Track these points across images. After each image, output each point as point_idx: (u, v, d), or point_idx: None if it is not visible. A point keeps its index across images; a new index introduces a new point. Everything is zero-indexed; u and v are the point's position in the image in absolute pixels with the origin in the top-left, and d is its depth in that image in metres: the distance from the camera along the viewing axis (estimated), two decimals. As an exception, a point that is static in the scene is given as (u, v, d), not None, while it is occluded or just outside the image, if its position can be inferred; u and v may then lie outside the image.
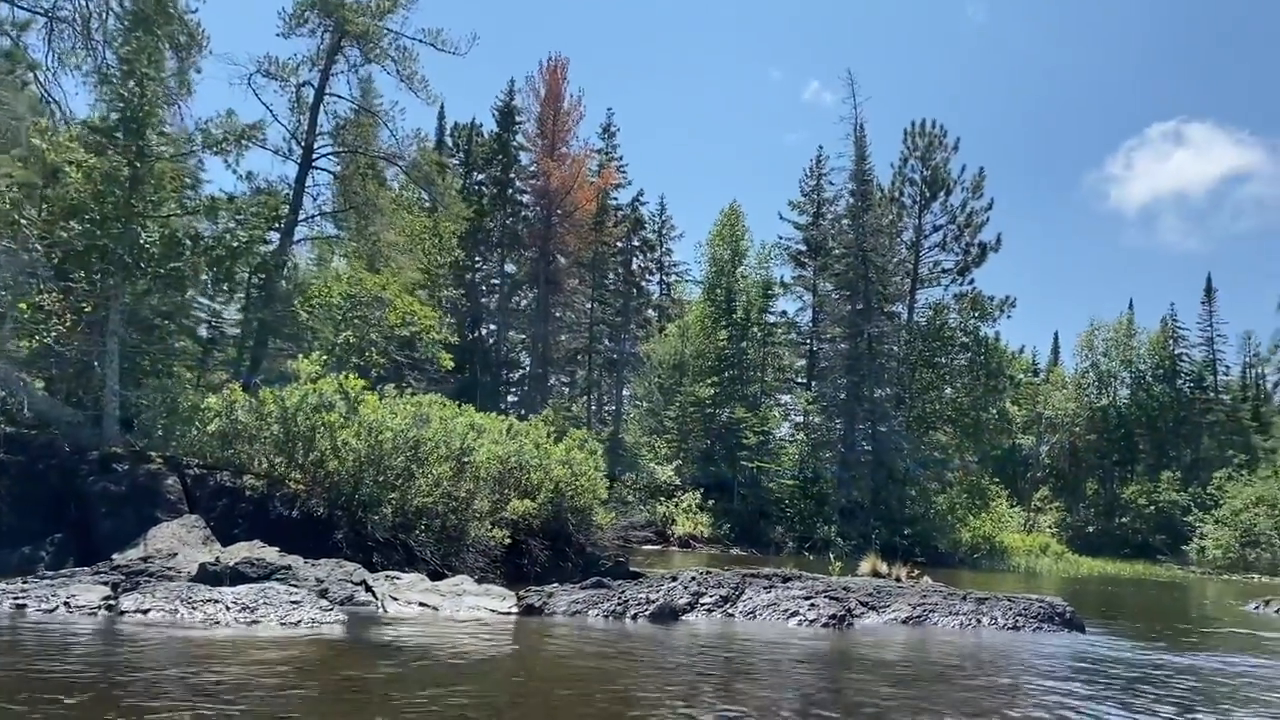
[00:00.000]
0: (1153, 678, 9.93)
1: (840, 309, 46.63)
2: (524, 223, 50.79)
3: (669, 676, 8.27)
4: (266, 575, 10.47)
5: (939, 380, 50.50)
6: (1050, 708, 7.94)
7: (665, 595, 11.57)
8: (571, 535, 17.20)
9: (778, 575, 13.12)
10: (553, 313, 49.43)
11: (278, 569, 10.67)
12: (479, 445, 15.93)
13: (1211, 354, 67.82)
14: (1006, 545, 44.10)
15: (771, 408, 49.31)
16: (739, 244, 52.65)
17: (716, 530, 40.43)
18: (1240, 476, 52.06)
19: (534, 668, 8.42)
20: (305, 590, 10.02)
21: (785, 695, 7.82)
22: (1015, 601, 13.54)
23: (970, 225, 48.74)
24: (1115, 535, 56.94)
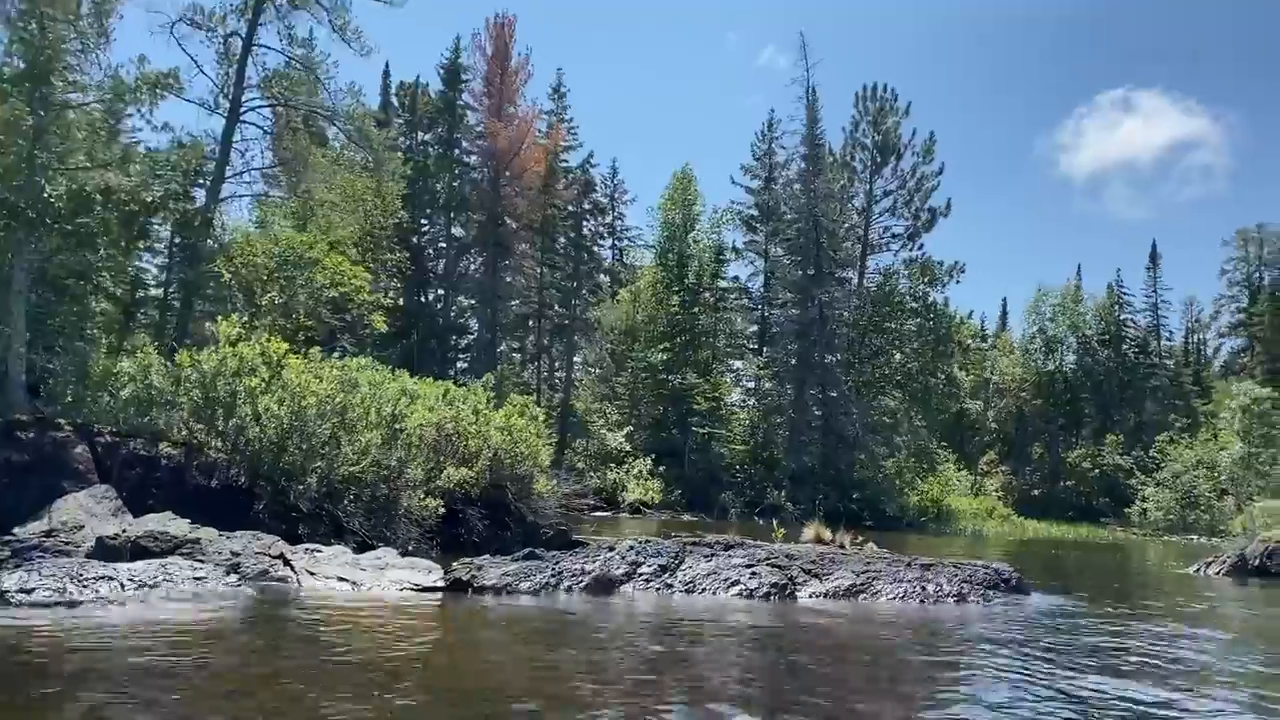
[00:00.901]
0: (1097, 645, 9.68)
1: (791, 274, 46.36)
2: (471, 184, 49.63)
3: (598, 656, 7.78)
4: (171, 550, 9.79)
5: (888, 346, 50.55)
6: (994, 677, 7.61)
7: (601, 566, 11.10)
8: (511, 504, 16.65)
9: (719, 543, 12.71)
10: (502, 277, 48.46)
11: (185, 543, 10.00)
12: (411, 411, 15.27)
13: (1156, 320, 68.97)
14: (954, 509, 44.51)
15: (723, 374, 49.13)
16: (691, 208, 52.08)
17: (668, 496, 40.17)
18: (1181, 440, 52.97)
19: (445, 653, 7.88)
20: (211, 566, 9.38)
21: (722, 674, 7.39)
22: (961, 568, 13.29)
23: (920, 190, 48.62)
24: (1060, 498, 57.83)
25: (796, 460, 43.07)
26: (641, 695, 6.36)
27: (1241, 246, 74.09)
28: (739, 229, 53.70)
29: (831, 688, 7.11)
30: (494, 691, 6.21)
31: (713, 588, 11.27)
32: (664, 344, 47.37)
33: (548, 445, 18.60)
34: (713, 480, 42.39)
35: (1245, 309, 72.60)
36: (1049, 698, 7.00)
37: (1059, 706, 6.73)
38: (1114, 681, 7.76)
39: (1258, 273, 72.97)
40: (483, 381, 18.04)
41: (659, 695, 6.39)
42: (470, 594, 10.31)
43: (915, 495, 43.83)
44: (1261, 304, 69.27)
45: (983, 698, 6.99)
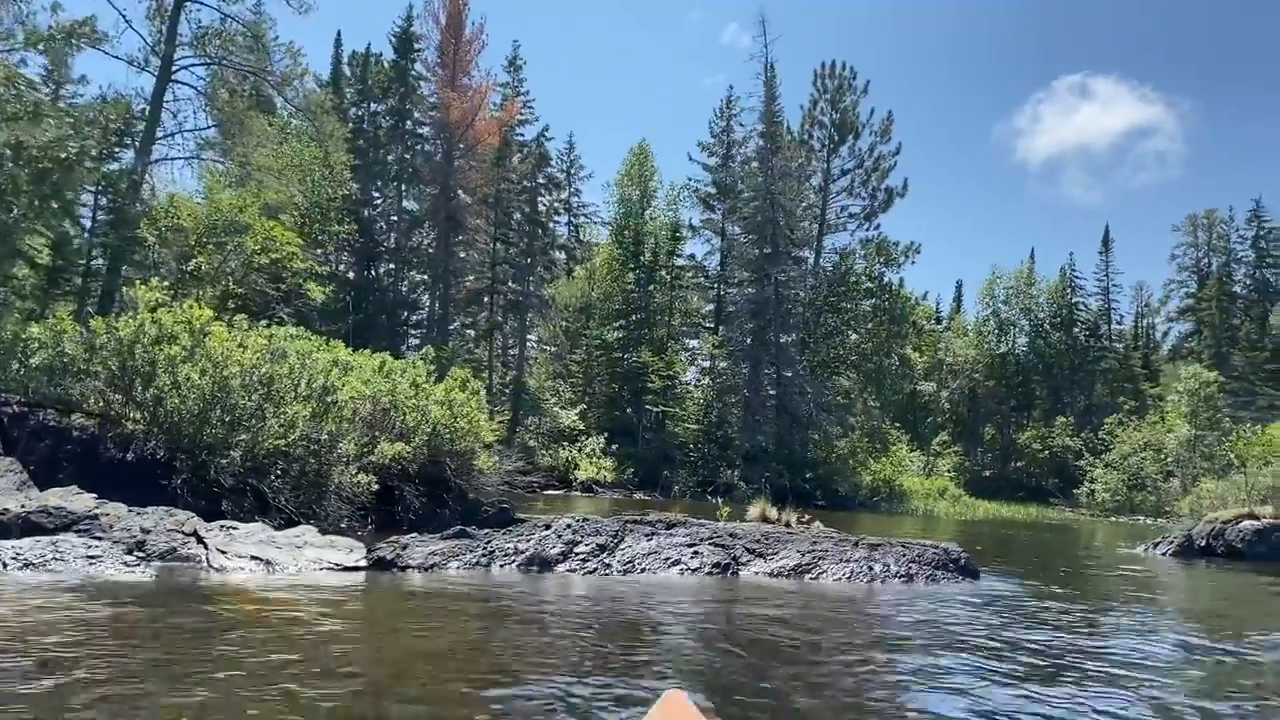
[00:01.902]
0: (1042, 628, 9.38)
1: (748, 253, 45.99)
2: (423, 157, 48.56)
3: (522, 639, 7.28)
4: (66, 525, 9.11)
5: (844, 326, 50.54)
6: (937, 661, 7.24)
7: (536, 545, 10.59)
8: (451, 481, 16.06)
9: (661, 522, 12.25)
10: (455, 252, 47.56)
11: (82, 518, 9.30)
12: (344, 384, 14.60)
13: (1107, 303, 69.82)
14: (906, 488, 44.61)
15: (678, 352, 48.75)
16: (648, 185, 51.60)
17: (620, 475, 39.81)
18: (1129, 422, 53.62)
19: (353, 637, 7.34)
20: (109, 544, 8.73)
21: (651, 654, 6.92)
22: (909, 548, 12.96)
23: (878, 170, 48.51)
24: (1011, 479, 58.39)
25: (750, 439, 42.85)
26: (560, 678, 5.87)
27: (1191, 232, 75.22)
28: (696, 207, 53.31)
29: (767, 670, 6.68)
30: (397, 677, 5.68)
31: (653, 567, 10.82)
32: (619, 322, 46.91)
33: (498, 421, 18.05)
34: (666, 459, 42.06)
35: (1193, 294, 73.73)
36: (989, 682, 6.64)
37: (998, 690, 6.37)
38: (1056, 665, 7.43)
39: (1206, 258, 74.16)
40: (422, 354, 17.38)
41: (581, 677, 5.91)
42: (395, 574, 9.76)
43: (868, 475, 43.87)
44: (1209, 289, 70.34)
45: (924, 683, 6.62)
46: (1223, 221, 72.93)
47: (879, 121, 48.77)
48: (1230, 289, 69.65)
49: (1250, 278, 70.60)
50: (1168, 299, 77.16)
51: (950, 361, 64.88)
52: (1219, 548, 20.24)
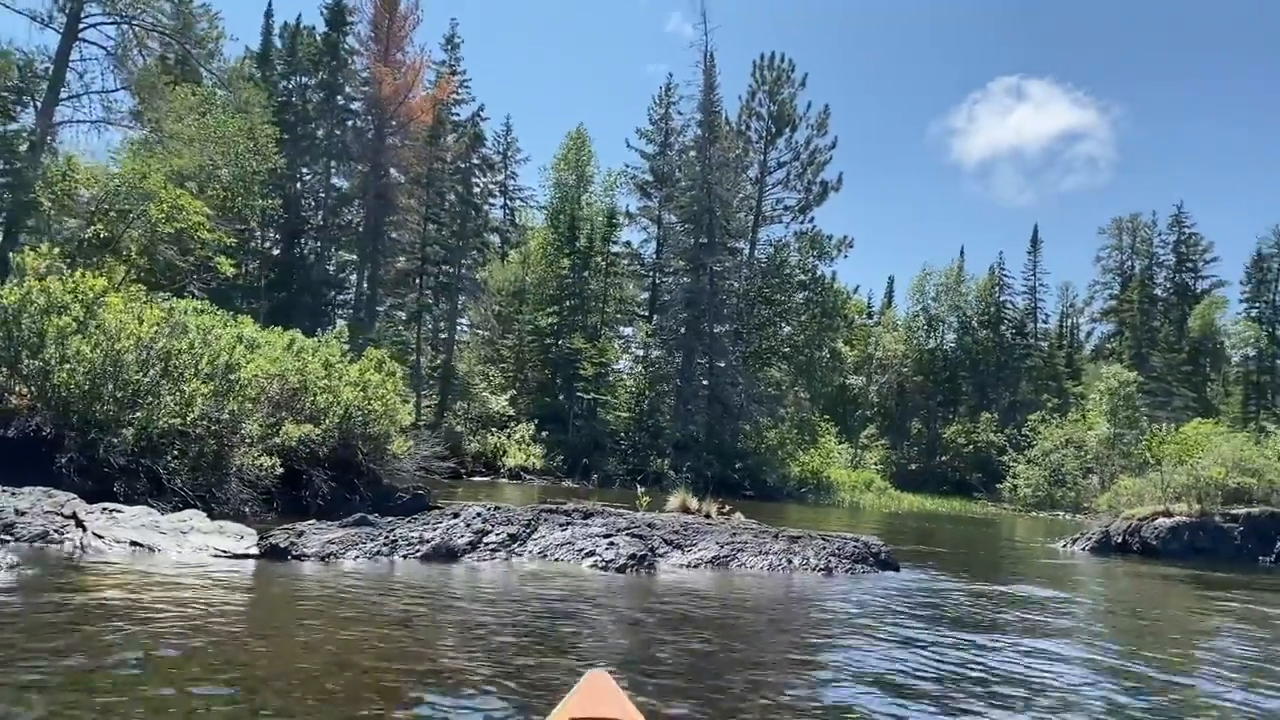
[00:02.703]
0: (959, 626, 9.21)
1: (684, 242, 45.78)
2: (354, 133, 47.29)
3: (418, 634, 6.83)
4: (-77, 508, 8.39)
5: (776, 317, 50.71)
6: (848, 658, 6.98)
7: (442, 534, 10.11)
8: (362, 465, 15.44)
9: (578, 511, 11.86)
10: (385, 231, 46.43)
11: (-58, 500, 8.58)
12: (249, 361, 13.90)
13: (1033, 303, 71.18)
14: (833, 480, 44.94)
15: (612, 339, 48.36)
16: (585, 170, 51.08)
17: (549, 462, 39.36)
18: (1052, 419, 54.71)
19: (234, 633, 6.81)
20: (-32, 527, 8.05)
21: (555, 650, 6.52)
22: (829, 541, 12.78)
23: (814, 163, 48.68)
24: (936, 472, 59.28)
25: (682, 429, 42.74)
26: (454, 679, 5.45)
27: (1116, 235, 77.03)
28: (633, 194, 52.90)
29: (678, 667, 6.33)
30: (260, 686, 5.20)
31: (566, 558, 10.42)
32: (553, 307, 46.38)
33: (426, 406, 17.45)
34: (596, 447, 41.71)
35: (1116, 296, 75.60)
36: (900, 680, 6.39)
37: (907, 684, 6.13)
38: (966, 663, 7.22)
39: (1130, 261, 75.99)
40: (335, 333, 16.71)
41: (479, 677, 5.49)
42: (288, 563, 9.20)
43: (797, 466, 44.08)
44: (1131, 291, 72.15)
45: (837, 678, 6.34)
46: (1146, 226, 74.86)
47: (816, 115, 48.96)
48: (1151, 292, 71.54)
49: (1171, 281, 72.58)
50: (1092, 300, 79.07)
51: (880, 356, 65.59)
52: (1135, 544, 20.57)
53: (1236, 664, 8.34)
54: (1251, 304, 67.30)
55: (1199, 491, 21.18)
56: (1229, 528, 20.23)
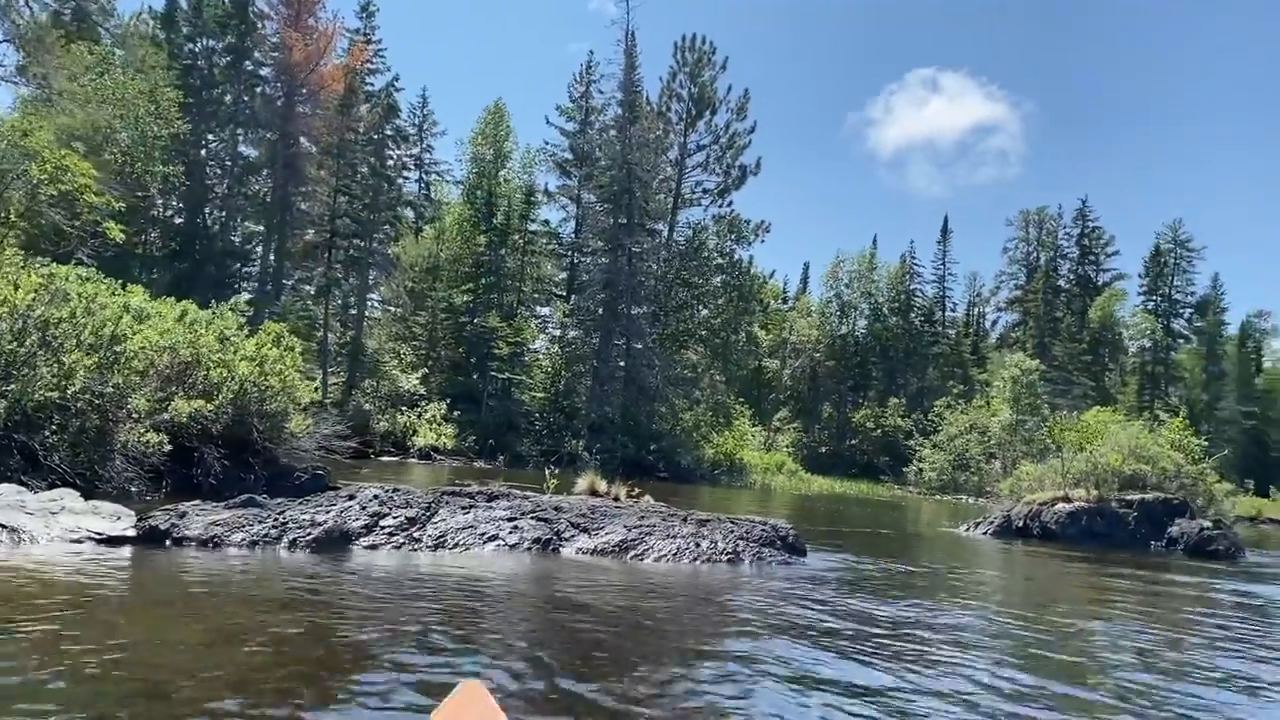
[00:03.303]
0: (863, 612, 9.16)
1: (603, 222, 45.32)
2: (262, 99, 45.54)
3: (303, 628, 6.42)
4: None
5: (694, 300, 50.73)
6: (760, 646, 6.83)
7: (336, 517, 9.65)
8: (258, 443, 14.79)
9: (481, 493, 11.50)
10: (293, 202, 44.91)
11: None
12: (136, 333, 13.13)
13: (942, 291, 72.81)
14: (746, 462, 45.31)
15: (528, 319, 47.75)
16: (503, 145, 50.17)
17: (461, 442, 38.69)
18: (957, 405, 56.10)
19: (99, 625, 6.31)
20: None
21: (446, 642, 6.19)
22: (738, 524, 12.67)
23: (733, 147, 48.66)
24: (845, 455, 60.32)
25: (597, 410, 42.47)
26: (332, 682, 5.10)
27: (1023, 227, 79.20)
28: (552, 171, 52.18)
29: (576, 658, 6.06)
30: (131, 678, 4.77)
31: (467, 542, 10.06)
32: (467, 285, 45.54)
33: (333, 383, 16.79)
34: (510, 427, 41.18)
35: (1022, 286, 77.81)
36: (804, 661, 6.25)
37: (813, 669, 5.99)
38: (872, 645, 7.13)
39: (1035, 253, 78.23)
40: (231, 304, 15.95)
41: (361, 679, 5.15)
42: (168, 548, 8.66)
43: (711, 448, 44.28)
44: (1036, 282, 74.29)
45: (743, 667, 6.17)
46: (1052, 219, 77.14)
47: (736, 99, 48.92)
48: (1055, 283, 73.76)
49: (1074, 273, 74.96)
50: (998, 290, 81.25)
51: (794, 340, 66.34)
52: (1035, 528, 21.06)
53: (1120, 630, 8.47)
54: (1149, 297, 69.99)
55: (1097, 478, 21.79)
56: (1124, 513, 20.87)
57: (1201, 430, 26.93)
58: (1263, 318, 77.20)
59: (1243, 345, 72.46)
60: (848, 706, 5.52)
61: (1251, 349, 74.70)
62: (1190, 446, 23.52)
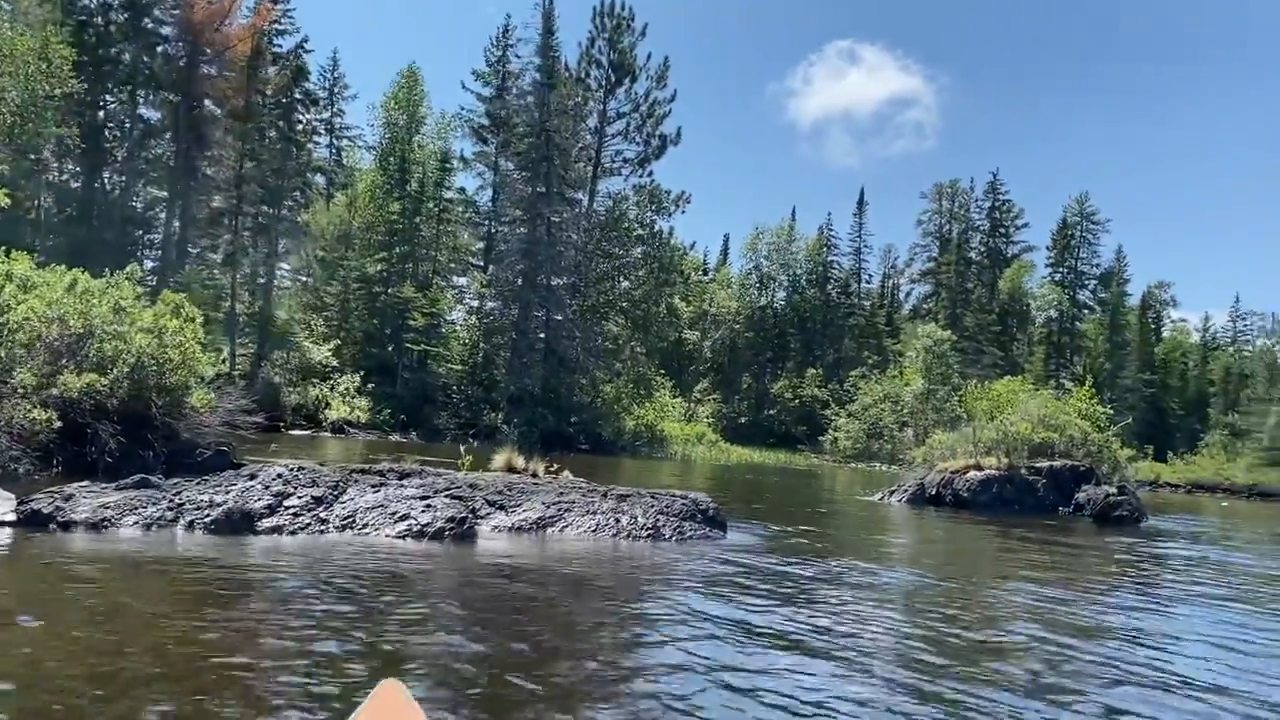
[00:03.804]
0: (780, 585, 9.09)
1: (521, 190, 44.62)
2: (163, 58, 43.45)
3: (192, 619, 6.01)
4: None
5: (614, 271, 50.45)
6: (680, 624, 6.66)
7: (237, 498, 9.17)
8: (157, 419, 14.07)
9: (393, 471, 11.10)
10: (198, 167, 43.11)
11: None
12: (20, 303, 12.32)
13: (858, 263, 73.95)
14: (667, 434, 45.42)
15: (444, 289, 46.88)
16: (417, 110, 48.88)
17: (376, 416, 37.89)
18: (872, 375, 57.12)
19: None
20: None
21: (346, 629, 5.86)
22: (658, 499, 12.52)
23: (653, 116, 48.34)
24: (764, 426, 61.01)
25: (517, 382, 42.02)
26: (226, 682, 4.74)
27: (936, 200, 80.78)
28: (468, 138, 51.13)
29: (493, 644, 5.79)
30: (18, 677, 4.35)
31: (377, 523, 9.67)
32: (381, 254, 44.43)
33: (241, 355, 16.07)
34: (427, 400, 40.48)
35: (935, 258, 79.45)
36: (725, 640, 6.10)
37: (729, 650, 5.84)
38: (786, 630, 7.03)
39: (948, 225, 79.84)
40: (127, 273, 15.11)
41: (259, 680, 4.79)
42: (52, 532, 8.10)
43: (632, 420, 44.24)
44: (949, 255, 75.88)
45: (667, 645, 5.99)
46: (964, 192, 78.80)
47: (656, 67, 48.54)
48: (967, 255, 75.45)
49: (985, 245, 76.78)
50: (912, 262, 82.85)
51: (714, 312, 66.63)
52: (948, 496, 21.45)
53: (1024, 588, 8.57)
54: (1056, 269, 72.09)
55: (1007, 446, 22.28)
56: (1033, 480, 21.38)
57: (1105, 398, 27.76)
58: (1162, 289, 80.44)
59: (1144, 315, 75.31)
60: (774, 676, 5.38)
61: (1152, 319, 77.72)
62: (1096, 414, 24.22)
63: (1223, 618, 9.16)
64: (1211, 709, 5.57)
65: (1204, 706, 5.63)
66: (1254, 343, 76.73)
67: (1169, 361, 75.48)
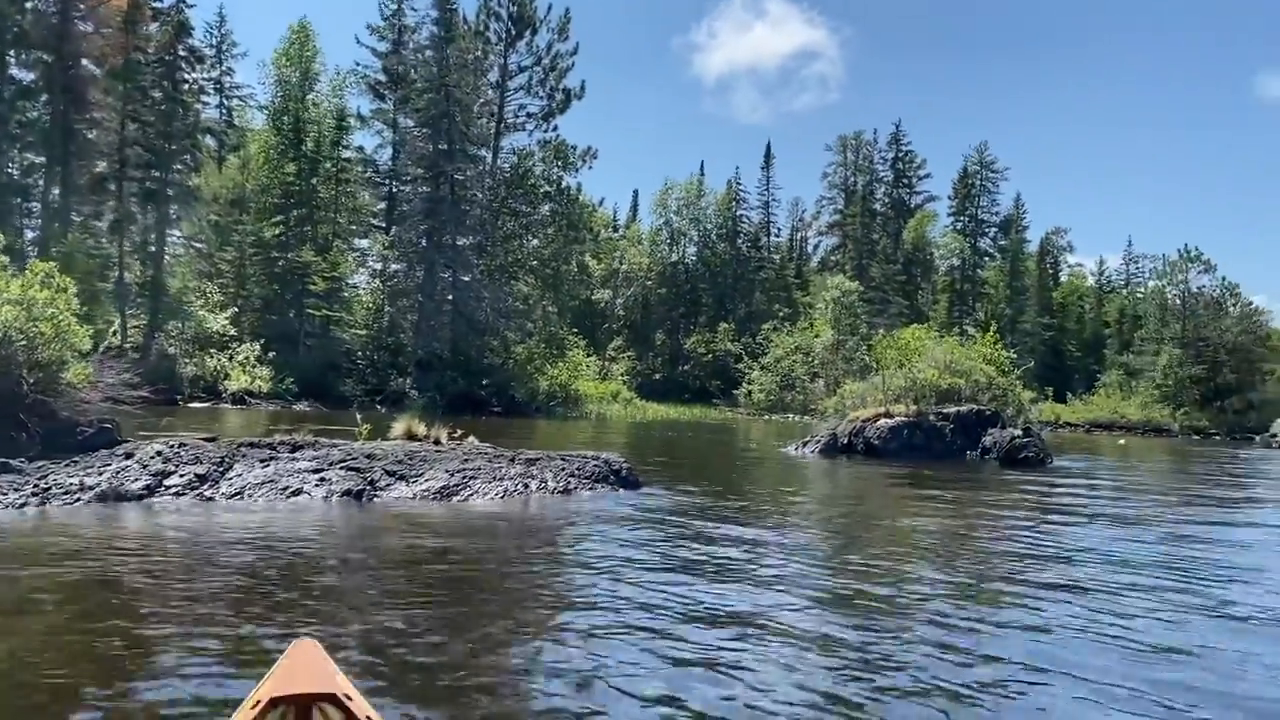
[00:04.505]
0: (695, 541, 8.91)
1: (422, 148, 43.32)
2: (33, 15, 40.72)
3: (53, 612, 5.50)
4: None
5: (522, 230, 49.54)
6: (592, 584, 6.40)
7: (111, 479, 8.56)
8: (28, 397, 13.15)
9: (284, 444, 10.56)
10: (78, 131, 40.69)
11: None
12: None
13: (767, 217, 74.25)
14: (582, 393, 45.14)
15: (345, 252, 45.48)
16: (310, 67, 46.98)
17: (279, 385, 36.70)
18: (783, 328, 57.63)
19: None
20: None
21: (226, 616, 5.43)
22: (569, 461, 12.24)
23: (555, 69, 47.31)
24: (679, 381, 61.16)
25: (424, 346, 41.10)
26: (104, 674, 4.30)
27: (841, 152, 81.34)
28: (365, 95, 49.37)
29: (397, 613, 5.43)
30: None
31: (267, 498, 9.16)
32: (278, 217, 42.80)
33: (133, 326, 15.10)
34: (331, 367, 39.33)
35: (841, 210, 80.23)
36: (637, 613, 5.86)
37: (646, 620, 5.61)
38: (702, 589, 6.84)
39: (853, 177, 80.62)
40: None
41: (148, 665, 4.36)
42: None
43: (545, 380, 43.78)
44: (854, 206, 76.75)
45: (579, 603, 5.72)
46: (868, 144, 79.57)
47: (557, 19, 47.41)
48: (871, 206, 76.40)
49: (889, 196, 77.85)
50: (819, 214, 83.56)
51: (625, 269, 66.28)
52: (859, 445, 21.66)
53: (929, 526, 8.59)
54: (957, 217, 73.50)
55: (915, 393, 22.57)
56: (941, 426, 21.73)
57: (1006, 343, 28.40)
58: (1059, 234, 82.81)
59: (1042, 261, 77.50)
60: (689, 636, 5.16)
61: (1049, 265, 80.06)
62: (1000, 358, 24.69)
63: (1119, 534, 10.04)
64: (1102, 605, 5.59)
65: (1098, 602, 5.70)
66: (1146, 284, 79.68)
67: (1066, 305, 77.97)
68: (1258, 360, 58.00)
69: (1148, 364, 60.43)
